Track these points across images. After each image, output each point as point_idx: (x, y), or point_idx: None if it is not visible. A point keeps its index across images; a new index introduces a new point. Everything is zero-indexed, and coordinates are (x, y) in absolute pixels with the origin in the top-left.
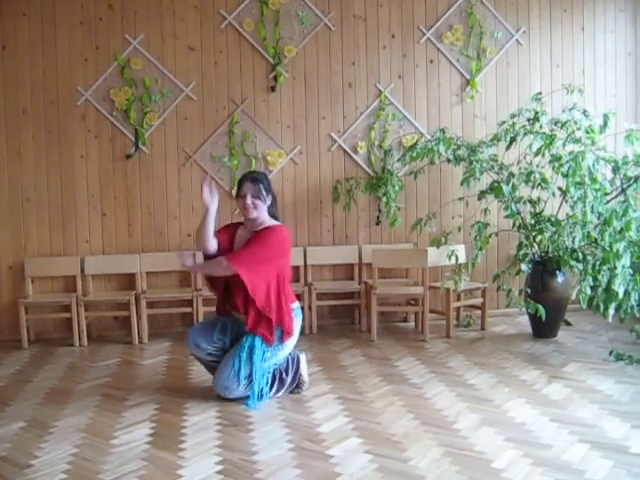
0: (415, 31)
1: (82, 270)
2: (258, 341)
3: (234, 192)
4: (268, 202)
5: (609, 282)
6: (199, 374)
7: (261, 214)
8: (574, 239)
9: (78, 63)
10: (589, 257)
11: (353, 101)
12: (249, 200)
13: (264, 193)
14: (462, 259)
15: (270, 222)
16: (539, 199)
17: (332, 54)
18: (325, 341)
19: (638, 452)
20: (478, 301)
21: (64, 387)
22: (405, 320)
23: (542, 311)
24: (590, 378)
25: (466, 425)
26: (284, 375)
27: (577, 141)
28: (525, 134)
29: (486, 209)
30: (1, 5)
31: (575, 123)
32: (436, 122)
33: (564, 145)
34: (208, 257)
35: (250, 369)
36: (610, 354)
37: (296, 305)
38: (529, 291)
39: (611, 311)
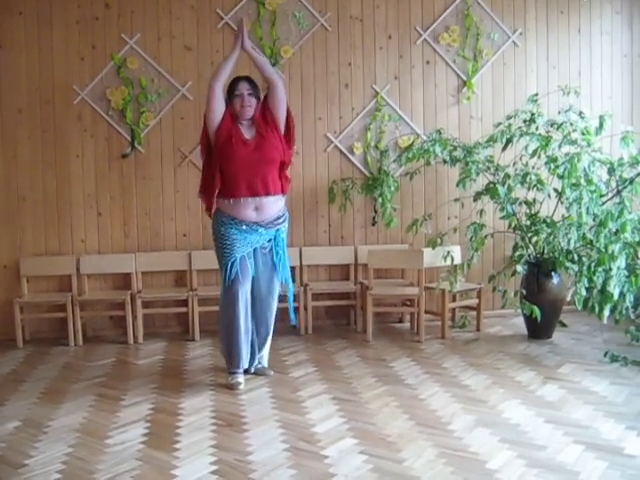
0: (412, 32)
1: (77, 269)
2: (283, 233)
3: None
4: (258, 103)
5: (604, 283)
6: (194, 374)
7: (253, 113)
8: (569, 240)
9: (74, 62)
10: (584, 258)
11: (349, 102)
12: (246, 99)
13: (258, 90)
14: (458, 260)
15: None
16: (535, 200)
17: (328, 55)
18: (320, 341)
19: (632, 453)
20: (473, 302)
21: (59, 387)
22: (400, 321)
23: (537, 312)
24: (585, 379)
25: (461, 426)
26: None
27: (573, 143)
28: (521, 135)
29: (482, 210)
30: None
31: (571, 125)
32: (432, 123)
33: (560, 147)
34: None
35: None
36: (605, 355)
37: None
38: (524, 292)
39: (606, 312)
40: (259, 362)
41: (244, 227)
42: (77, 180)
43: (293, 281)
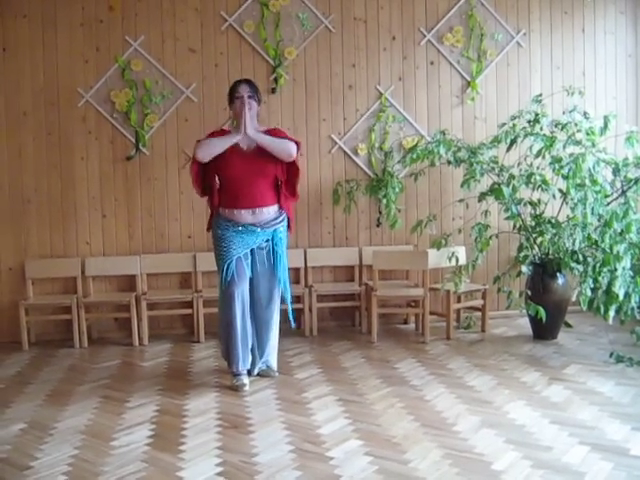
0: (416, 33)
1: (82, 272)
2: (281, 233)
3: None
4: (259, 107)
5: (609, 284)
6: (199, 376)
7: (255, 117)
8: (574, 241)
9: (78, 65)
10: (589, 259)
11: (353, 103)
12: (246, 100)
13: (258, 95)
14: (462, 261)
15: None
16: (539, 201)
17: (332, 56)
18: (325, 343)
19: (638, 454)
20: (478, 303)
21: (64, 389)
22: (405, 322)
23: (542, 313)
24: (590, 380)
25: (466, 427)
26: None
27: (577, 143)
28: (525, 136)
29: (486, 211)
30: (1, 7)
31: (575, 125)
32: (436, 124)
33: (564, 147)
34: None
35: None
36: (610, 356)
37: None
38: (529, 293)
39: (611, 313)
40: (265, 365)
41: (240, 228)
42: (82, 182)
43: (291, 283)
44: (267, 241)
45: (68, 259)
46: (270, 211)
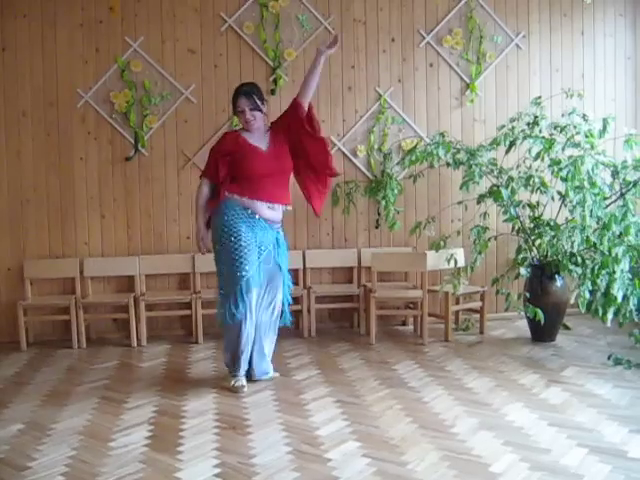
0: (415, 35)
1: (81, 272)
2: (282, 237)
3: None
4: (265, 109)
5: (608, 286)
6: (198, 377)
7: (262, 122)
8: (573, 243)
9: (78, 65)
10: (588, 261)
11: (353, 104)
12: (248, 114)
13: (259, 103)
14: (461, 263)
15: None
16: (538, 203)
17: (332, 57)
18: (324, 344)
19: (636, 456)
20: (477, 305)
21: (62, 389)
22: (404, 324)
23: (541, 315)
24: (588, 382)
25: (464, 429)
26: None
27: (576, 145)
28: (524, 138)
29: (485, 213)
30: (1, 7)
31: (574, 127)
32: (435, 126)
33: (563, 149)
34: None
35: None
36: (609, 358)
37: None
38: (528, 295)
39: (610, 315)
40: (270, 371)
41: (256, 218)
42: (81, 183)
43: (294, 283)
44: (272, 243)
45: (67, 259)
46: (281, 210)
